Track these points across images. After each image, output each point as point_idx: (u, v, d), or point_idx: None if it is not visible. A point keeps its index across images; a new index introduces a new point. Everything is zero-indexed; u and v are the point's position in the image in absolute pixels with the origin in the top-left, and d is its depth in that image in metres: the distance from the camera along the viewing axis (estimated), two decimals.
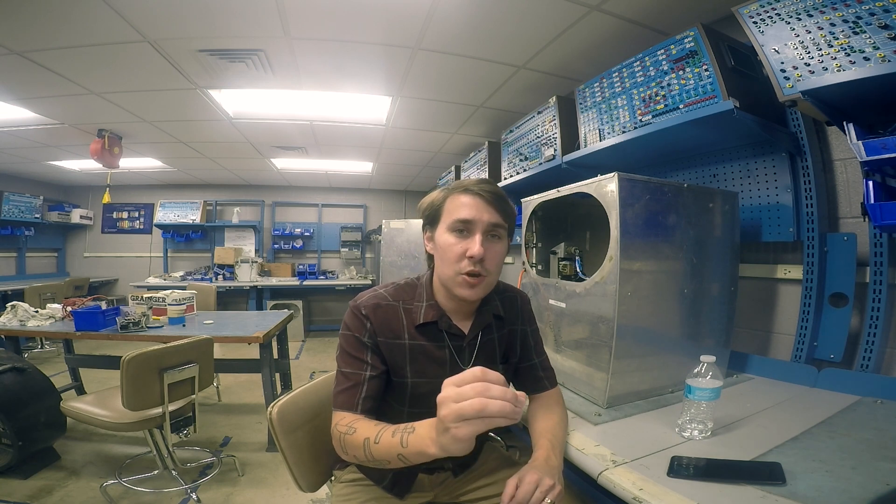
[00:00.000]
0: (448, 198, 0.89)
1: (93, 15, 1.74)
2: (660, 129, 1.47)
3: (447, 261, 0.87)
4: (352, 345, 0.90)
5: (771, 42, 1.11)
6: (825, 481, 0.75)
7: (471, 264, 0.84)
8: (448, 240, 0.87)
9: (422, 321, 0.91)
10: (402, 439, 0.70)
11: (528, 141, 2.40)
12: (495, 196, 0.86)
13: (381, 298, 0.93)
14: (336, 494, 1.04)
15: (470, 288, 0.86)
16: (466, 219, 0.85)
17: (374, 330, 0.89)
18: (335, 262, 6.30)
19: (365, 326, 0.90)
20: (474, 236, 0.85)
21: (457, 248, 0.85)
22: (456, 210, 0.86)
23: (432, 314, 0.92)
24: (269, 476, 2.16)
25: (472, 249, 0.83)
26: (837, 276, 1.35)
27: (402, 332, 0.91)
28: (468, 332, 0.95)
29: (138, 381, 1.71)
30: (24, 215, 4.84)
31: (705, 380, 0.94)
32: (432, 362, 0.92)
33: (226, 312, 3.26)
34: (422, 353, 0.91)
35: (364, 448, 0.76)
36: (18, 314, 2.45)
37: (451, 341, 0.93)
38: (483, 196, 0.85)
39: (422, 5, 1.69)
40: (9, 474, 2.01)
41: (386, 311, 0.92)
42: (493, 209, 0.85)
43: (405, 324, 0.92)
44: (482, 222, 0.85)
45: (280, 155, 4.28)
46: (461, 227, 0.86)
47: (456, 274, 0.86)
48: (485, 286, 0.88)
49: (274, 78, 2.40)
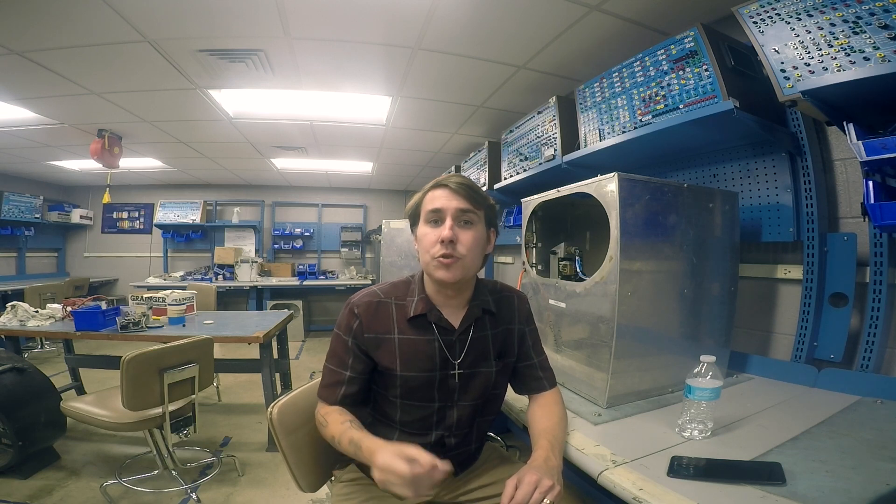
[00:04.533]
0: (425, 196, 0.96)
1: (93, 15, 1.74)
2: (660, 129, 1.47)
3: (424, 248, 0.94)
4: (339, 345, 0.98)
5: (771, 42, 1.11)
6: (825, 481, 0.75)
7: (443, 247, 0.89)
8: (425, 230, 0.94)
9: (412, 314, 0.96)
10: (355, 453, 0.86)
11: (528, 141, 2.40)
12: (462, 185, 0.93)
13: (374, 296, 0.98)
14: (336, 494, 1.04)
15: (445, 269, 0.90)
16: (437, 208, 0.92)
17: (361, 328, 0.95)
18: (335, 262, 6.30)
19: (352, 327, 0.96)
20: (445, 222, 0.91)
21: (431, 236, 0.92)
22: (430, 203, 0.94)
23: (422, 307, 0.96)
24: (269, 476, 2.16)
25: (443, 233, 0.90)
26: (837, 276, 1.35)
27: (392, 327, 0.96)
28: (458, 326, 0.97)
29: (138, 382, 1.71)
30: (24, 215, 4.84)
31: (705, 380, 0.94)
32: (422, 356, 0.95)
33: (226, 312, 3.26)
34: (410, 348, 0.95)
35: (332, 441, 0.92)
36: (18, 314, 2.45)
37: (441, 335, 0.96)
38: (450, 187, 0.92)
39: (422, 5, 1.69)
40: (9, 474, 2.01)
41: (377, 308, 0.97)
42: (460, 197, 0.92)
43: (395, 319, 0.96)
44: (451, 209, 0.91)
45: (280, 155, 4.28)
46: (434, 218, 0.93)
47: (431, 258, 0.92)
48: (460, 268, 0.91)
49: (274, 78, 2.40)
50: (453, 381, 0.97)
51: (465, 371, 0.97)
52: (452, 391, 0.97)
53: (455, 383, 0.97)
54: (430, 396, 0.96)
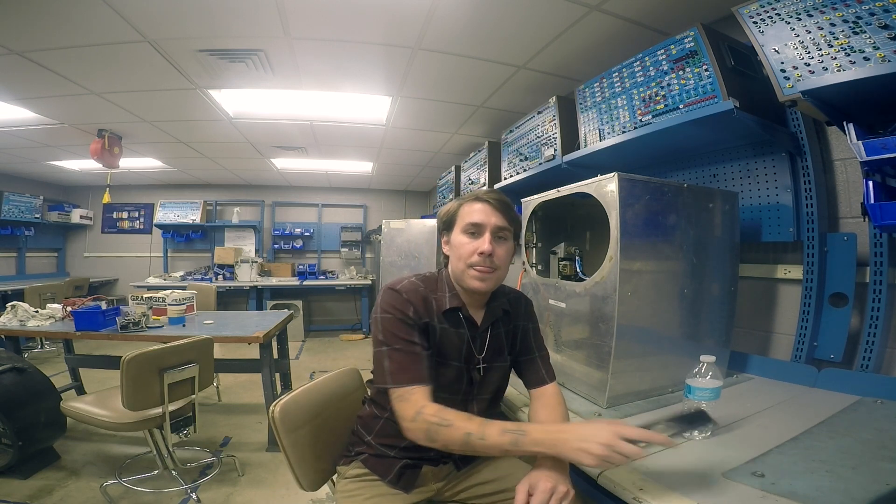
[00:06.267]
0: (462, 206, 1.02)
1: (93, 15, 1.74)
2: (660, 129, 1.46)
3: (461, 257, 0.99)
4: (397, 325, 0.95)
5: (771, 42, 1.11)
6: (825, 481, 0.75)
7: (481, 259, 0.96)
8: (462, 240, 1.00)
9: (448, 307, 1.01)
10: (516, 440, 0.80)
11: (528, 141, 2.40)
12: (502, 203, 1.00)
13: (416, 285, 1.02)
14: (341, 490, 1.04)
15: (481, 280, 0.97)
16: (477, 222, 0.98)
17: (416, 311, 0.97)
18: (335, 262, 6.30)
19: (406, 308, 0.97)
20: (484, 236, 0.97)
21: (469, 247, 0.98)
22: (468, 215, 1.00)
23: (457, 301, 1.02)
24: (269, 476, 2.16)
25: (483, 246, 0.96)
26: (837, 276, 1.34)
27: (434, 316, 1.00)
28: (481, 323, 1.04)
29: (138, 382, 1.71)
30: (24, 215, 4.84)
31: (705, 380, 0.94)
32: (454, 347, 1.01)
33: (226, 312, 3.26)
34: (447, 338, 1.00)
35: (465, 441, 0.83)
36: (18, 314, 2.45)
37: (469, 329, 1.03)
38: (491, 203, 0.99)
39: (422, 5, 1.69)
40: (9, 474, 2.01)
41: (422, 296, 1.01)
42: (500, 214, 0.99)
43: (434, 309, 1.01)
44: (490, 224, 0.98)
45: (280, 155, 4.29)
46: (473, 230, 0.99)
47: (468, 267, 0.98)
48: (494, 279, 0.99)
49: (274, 78, 2.40)
50: (477, 374, 1.03)
51: (486, 365, 1.04)
52: (474, 384, 1.04)
53: (479, 377, 1.04)
54: (458, 388, 1.02)
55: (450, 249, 1.04)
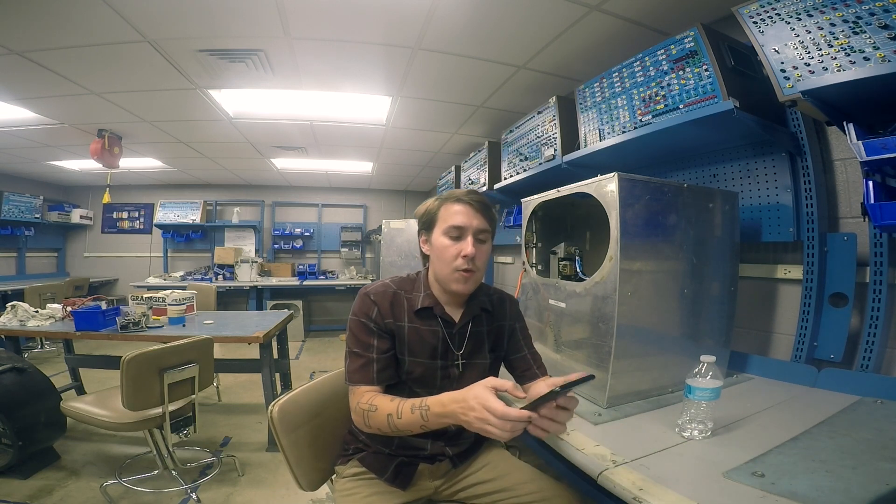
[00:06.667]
0: (442, 206, 1.03)
1: (93, 15, 1.74)
2: (660, 129, 1.46)
3: (444, 260, 1.00)
4: (360, 329, 1.01)
5: (771, 42, 1.11)
6: (825, 481, 0.75)
7: (465, 263, 0.98)
8: (444, 242, 1.01)
9: (420, 306, 1.04)
10: (422, 414, 0.85)
11: (528, 141, 2.40)
12: (482, 205, 1.02)
13: (387, 287, 1.06)
14: (339, 490, 1.05)
15: (464, 283, 1.00)
16: (459, 225, 0.99)
17: (380, 314, 1.01)
18: (335, 262, 6.30)
19: (371, 311, 1.01)
20: (467, 239, 0.99)
21: (452, 250, 1.00)
22: (450, 217, 1.01)
23: (429, 301, 1.05)
24: (269, 476, 2.16)
25: (466, 250, 0.98)
26: (837, 276, 1.34)
27: (403, 316, 1.03)
28: (458, 321, 1.06)
29: (138, 382, 1.71)
30: (24, 215, 4.84)
31: (705, 380, 0.94)
32: (427, 345, 1.03)
33: (226, 312, 3.25)
34: (417, 336, 1.03)
35: (388, 422, 0.89)
36: (18, 314, 2.45)
37: (445, 328, 1.05)
38: (472, 205, 1.00)
39: (422, 5, 1.69)
40: (9, 474, 2.01)
41: (392, 298, 1.04)
42: (480, 216, 1.01)
43: (406, 309, 1.04)
44: (472, 227, 1.00)
45: (280, 155, 4.28)
46: (457, 234, 1.00)
47: (452, 271, 1.00)
48: (474, 281, 1.03)
49: (274, 78, 2.40)
50: (456, 370, 1.05)
51: (465, 361, 1.06)
52: (454, 380, 1.05)
53: (458, 372, 1.05)
54: (432, 384, 1.04)
55: (430, 250, 1.05)
